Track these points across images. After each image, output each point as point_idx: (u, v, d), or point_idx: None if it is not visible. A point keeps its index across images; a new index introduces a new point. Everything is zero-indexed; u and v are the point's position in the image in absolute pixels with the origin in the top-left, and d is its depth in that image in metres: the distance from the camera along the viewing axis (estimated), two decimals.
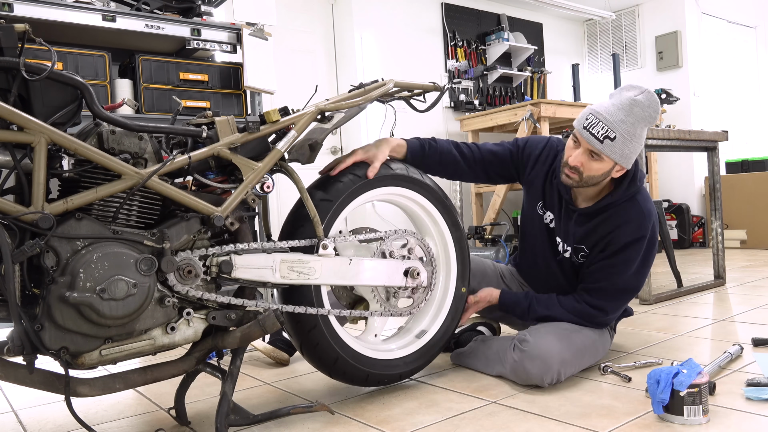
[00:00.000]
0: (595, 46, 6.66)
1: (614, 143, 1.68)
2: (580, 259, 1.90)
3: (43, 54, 2.29)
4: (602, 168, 1.74)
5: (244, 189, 1.48)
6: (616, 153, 1.70)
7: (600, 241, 1.84)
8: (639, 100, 1.69)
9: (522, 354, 1.74)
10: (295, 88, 4.60)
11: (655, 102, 1.71)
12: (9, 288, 1.14)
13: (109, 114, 1.32)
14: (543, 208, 1.97)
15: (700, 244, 5.76)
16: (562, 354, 1.72)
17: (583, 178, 1.76)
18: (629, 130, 1.69)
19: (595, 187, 1.82)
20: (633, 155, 1.74)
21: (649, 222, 1.81)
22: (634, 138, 1.70)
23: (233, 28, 2.83)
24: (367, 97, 1.70)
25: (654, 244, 1.84)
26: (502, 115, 4.91)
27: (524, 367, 1.73)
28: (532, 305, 1.92)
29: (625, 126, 1.68)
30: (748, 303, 2.80)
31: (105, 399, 1.89)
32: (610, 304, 1.85)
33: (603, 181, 1.80)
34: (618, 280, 1.83)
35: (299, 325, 1.61)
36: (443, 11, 5.41)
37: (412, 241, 1.78)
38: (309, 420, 1.59)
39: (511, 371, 1.78)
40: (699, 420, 1.40)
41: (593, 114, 1.71)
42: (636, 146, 1.73)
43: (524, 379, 1.75)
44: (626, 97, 1.70)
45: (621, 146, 1.69)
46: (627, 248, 1.80)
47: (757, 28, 6.78)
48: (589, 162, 1.73)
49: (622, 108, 1.69)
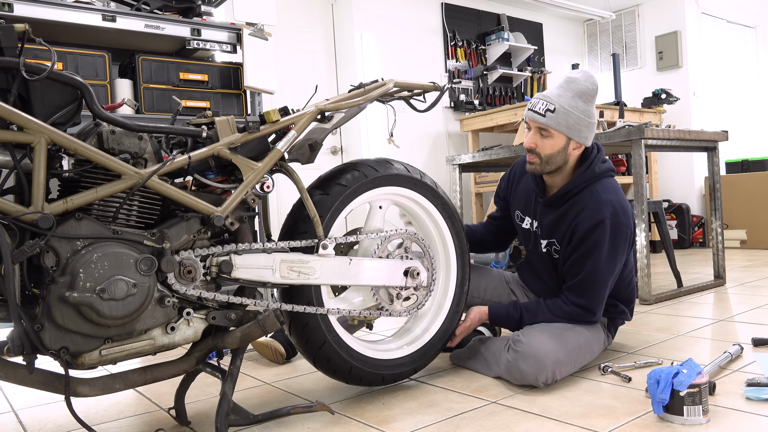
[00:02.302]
0: (595, 46, 6.66)
1: (556, 114, 1.80)
2: (555, 254, 1.94)
3: (43, 54, 2.29)
4: (555, 144, 1.84)
5: (244, 189, 1.48)
6: (561, 124, 1.80)
7: (566, 233, 1.88)
8: (574, 77, 1.84)
9: (516, 354, 1.74)
10: (295, 88, 4.60)
11: (590, 77, 1.85)
12: (9, 288, 1.14)
13: (109, 114, 1.32)
14: (521, 216, 2.07)
15: (700, 244, 5.76)
16: (555, 353, 1.73)
17: (542, 159, 1.86)
18: (569, 102, 1.81)
19: (561, 174, 1.91)
20: (582, 128, 1.83)
21: (605, 208, 1.83)
22: (575, 109, 1.81)
23: (233, 28, 2.83)
24: (367, 97, 1.70)
25: (620, 231, 1.84)
26: (502, 115, 4.91)
27: (518, 368, 1.73)
28: (523, 316, 1.93)
29: (564, 99, 1.81)
30: (748, 303, 2.80)
31: (105, 399, 1.89)
32: (592, 298, 1.85)
33: (566, 165, 1.88)
34: (592, 268, 1.83)
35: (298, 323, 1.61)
36: (443, 11, 5.41)
37: (410, 241, 1.78)
38: (309, 420, 1.59)
39: (506, 371, 1.79)
40: (699, 420, 1.40)
41: (536, 97, 1.86)
42: (581, 118, 1.82)
43: (519, 379, 1.75)
44: (564, 78, 1.85)
45: (564, 117, 1.80)
46: (590, 234, 1.82)
47: (757, 28, 6.78)
48: (541, 140, 1.85)
49: (560, 86, 1.85)
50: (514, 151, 3.49)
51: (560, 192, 1.90)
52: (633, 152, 2.91)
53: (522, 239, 2.11)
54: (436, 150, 5.30)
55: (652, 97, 5.52)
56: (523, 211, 2.06)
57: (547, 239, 1.96)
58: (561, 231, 1.90)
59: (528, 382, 1.73)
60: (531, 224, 2.03)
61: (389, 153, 4.80)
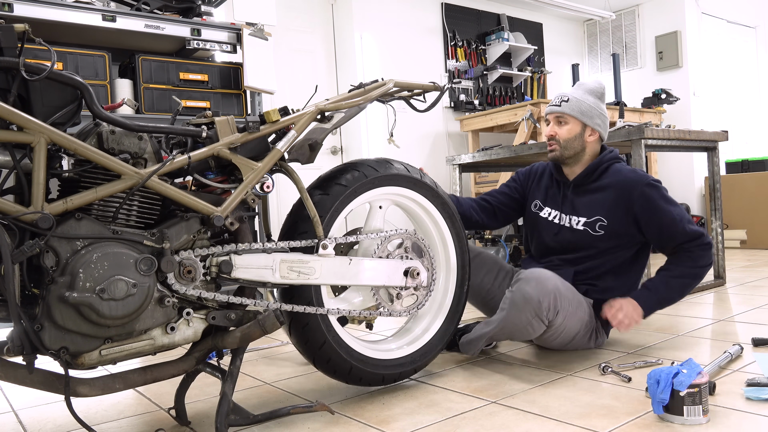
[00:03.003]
0: (595, 46, 6.66)
1: (569, 103, 2.09)
2: (598, 230, 2.06)
3: (43, 54, 2.29)
4: (572, 130, 2.09)
5: (243, 189, 1.48)
6: (575, 110, 2.08)
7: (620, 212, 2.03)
8: (583, 81, 2.14)
9: (518, 283, 1.86)
10: (295, 88, 4.60)
11: (598, 80, 2.17)
12: (9, 288, 1.14)
13: (109, 114, 1.32)
14: (540, 206, 2.23)
15: None
16: (555, 280, 1.87)
17: (562, 145, 2.10)
18: (581, 95, 2.10)
19: (579, 163, 2.14)
20: (594, 116, 2.09)
21: (639, 173, 2.06)
22: (587, 100, 2.09)
23: (233, 28, 2.83)
24: (367, 97, 1.70)
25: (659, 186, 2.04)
26: (502, 115, 4.91)
27: (522, 291, 1.82)
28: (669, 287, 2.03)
29: (576, 94, 2.11)
30: (748, 303, 2.80)
31: (105, 399, 1.89)
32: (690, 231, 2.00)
33: (583, 153, 2.12)
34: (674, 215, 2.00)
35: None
36: (443, 11, 5.41)
37: (409, 241, 1.78)
38: (309, 420, 1.59)
39: (510, 304, 1.85)
40: (699, 420, 1.40)
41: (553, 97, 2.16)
42: (593, 108, 2.09)
43: (521, 306, 1.81)
44: (576, 83, 2.16)
45: (577, 104, 2.08)
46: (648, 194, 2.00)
47: (757, 28, 6.78)
48: (559, 128, 2.11)
49: (573, 88, 2.17)
50: (514, 151, 3.49)
51: (587, 171, 2.11)
52: (633, 152, 2.91)
53: (534, 229, 2.24)
54: (436, 150, 5.30)
55: (652, 97, 5.52)
56: (544, 202, 2.22)
57: (586, 218, 2.08)
58: (607, 208, 2.05)
59: (531, 306, 1.80)
60: (550, 214, 2.19)
61: (389, 153, 4.80)
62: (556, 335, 1.96)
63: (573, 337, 2.00)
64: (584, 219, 2.08)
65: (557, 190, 2.20)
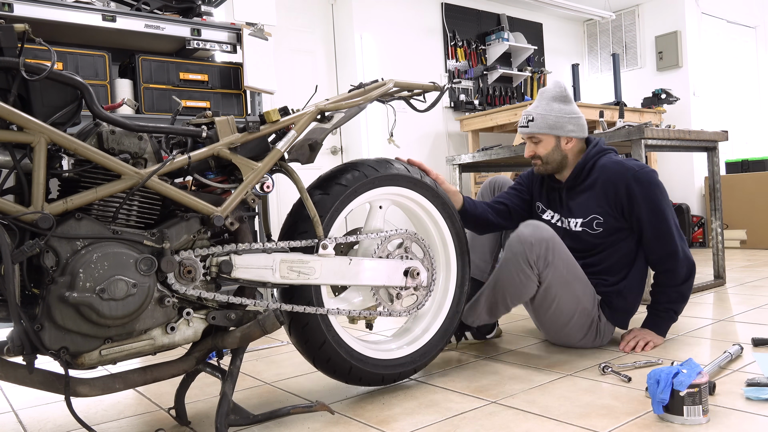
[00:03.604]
0: (595, 46, 6.66)
1: (535, 122, 2.10)
2: (596, 228, 2.08)
3: (43, 54, 2.29)
4: (547, 145, 2.11)
5: (243, 189, 1.48)
6: (542, 127, 2.09)
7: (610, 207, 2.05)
8: (543, 88, 2.15)
9: (518, 229, 1.95)
10: (295, 88, 4.60)
11: (557, 83, 2.15)
12: (9, 288, 1.14)
13: (109, 114, 1.32)
14: (542, 208, 2.26)
15: (700, 244, 5.76)
16: (553, 234, 1.95)
17: (543, 160, 2.14)
18: (544, 108, 2.10)
19: (567, 168, 2.15)
20: (564, 124, 2.09)
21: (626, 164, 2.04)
22: (552, 111, 2.09)
23: (233, 28, 2.83)
24: (367, 97, 1.70)
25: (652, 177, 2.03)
26: (502, 115, 4.90)
27: (518, 233, 1.93)
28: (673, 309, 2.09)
29: (539, 108, 2.11)
30: (748, 303, 2.80)
31: (105, 399, 1.89)
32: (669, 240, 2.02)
33: (566, 159, 2.13)
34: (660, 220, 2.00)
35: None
36: (443, 11, 5.41)
37: (410, 241, 1.78)
38: (309, 420, 1.59)
39: (507, 249, 1.95)
40: (699, 420, 1.40)
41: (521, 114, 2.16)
42: (560, 117, 2.08)
43: (515, 247, 1.91)
44: (538, 92, 2.16)
45: (542, 120, 2.09)
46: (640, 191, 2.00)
47: (757, 28, 6.78)
48: (536, 147, 2.13)
49: (536, 102, 2.15)
50: (514, 151, 3.49)
51: (575, 172, 2.11)
52: (633, 152, 2.91)
53: None
54: (436, 150, 5.30)
55: (652, 97, 5.52)
56: (546, 205, 2.25)
57: (582, 218, 2.10)
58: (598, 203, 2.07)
59: (522, 250, 1.89)
60: (552, 217, 2.21)
61: (389, 153, 4.80)
62: (548, 304, 1.99)
63: (569, 319, 2.01)
64: (580, 220, 2.10)
65: (555, 193, 2.23)
